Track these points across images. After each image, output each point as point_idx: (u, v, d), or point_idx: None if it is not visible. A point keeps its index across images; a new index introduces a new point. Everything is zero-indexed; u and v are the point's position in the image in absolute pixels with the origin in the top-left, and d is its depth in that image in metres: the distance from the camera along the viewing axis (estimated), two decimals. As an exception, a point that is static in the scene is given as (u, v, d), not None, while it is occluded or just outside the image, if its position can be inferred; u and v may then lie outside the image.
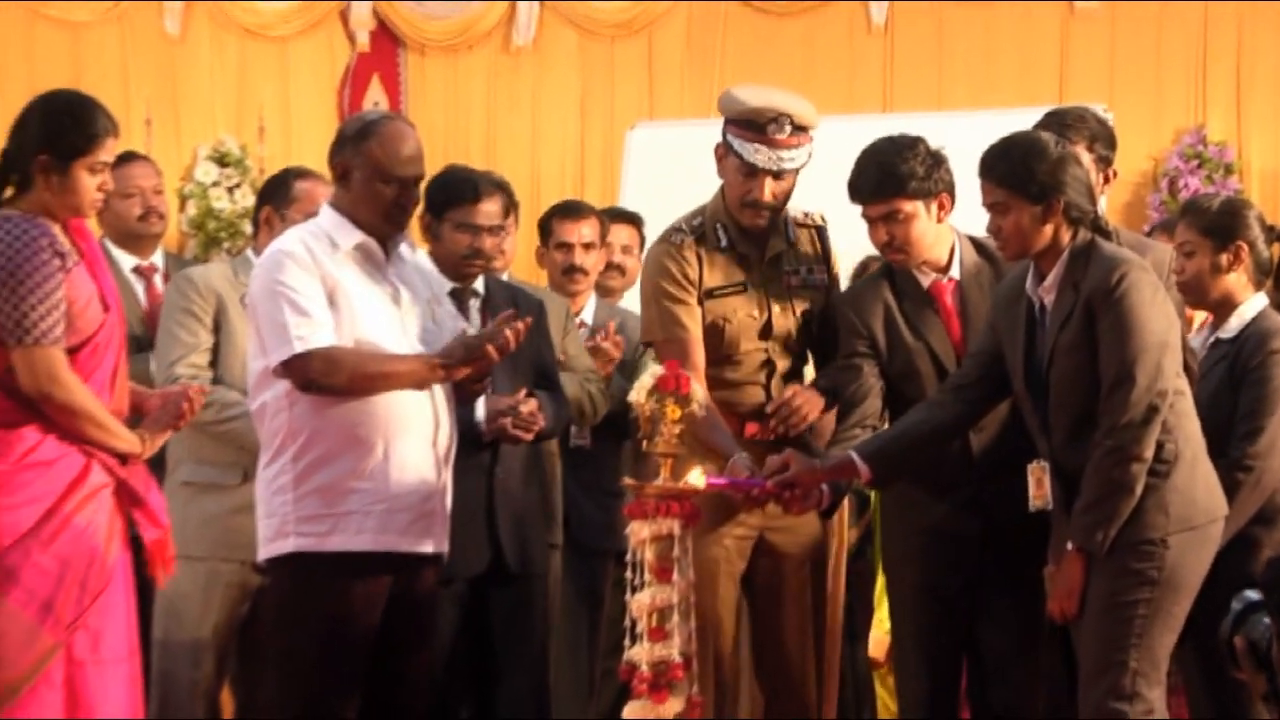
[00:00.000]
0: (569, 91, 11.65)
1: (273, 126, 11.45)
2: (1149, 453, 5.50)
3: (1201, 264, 5.98)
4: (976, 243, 6.17)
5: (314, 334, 5.63)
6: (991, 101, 10.49)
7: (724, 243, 6.23)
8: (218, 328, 6.58)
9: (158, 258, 7.51)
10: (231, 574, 6.53)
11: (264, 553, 5.80)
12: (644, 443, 5.78)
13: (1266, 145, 10.53)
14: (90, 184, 5.50)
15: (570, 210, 7.88)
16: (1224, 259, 5.97)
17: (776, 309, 6.22)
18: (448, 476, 5.88)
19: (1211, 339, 6.05)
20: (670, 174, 10.15)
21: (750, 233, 6.24)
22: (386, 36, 11.84)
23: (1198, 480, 5.57)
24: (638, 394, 5.77)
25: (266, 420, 5.78)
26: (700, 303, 6.21)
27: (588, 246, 7.69)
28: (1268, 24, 10.51)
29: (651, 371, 5.78)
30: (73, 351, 5.39)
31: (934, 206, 6.06)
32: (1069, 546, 5.60)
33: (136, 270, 7.39)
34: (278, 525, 5.73)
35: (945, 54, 11.04)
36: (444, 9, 11.77)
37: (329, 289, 5.70)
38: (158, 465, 6.34)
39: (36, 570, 5.32)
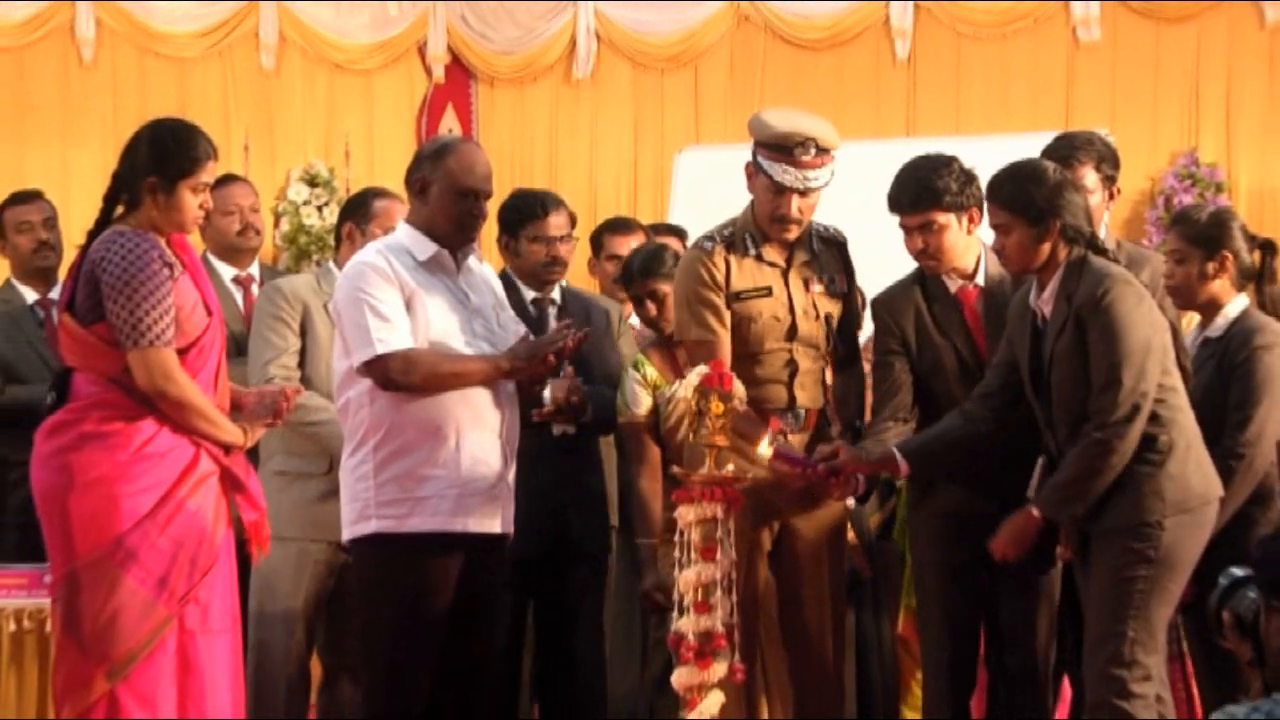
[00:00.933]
0: (623, 118, 11.65)
1: (358, 151, 11.48)
2: (1130, 446, 5.54)
3: (1190, 270, 5.97)
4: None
5: (393, 337, 5.66)
6: (1005, 126, 10.47)
7: (752, 251, 6.22)
8: (304, 332, 6.62)
9: (254, 269, 7.54)
10: (320, 553, 6.56)
11: (348, 534, 5.83)
12: (692, 435, 5.78)
13: (1253, 166, 10.49)
14: (193, 202, 5.54)
15: (620, 225, 7.92)
16: (1211, 266, 5.95)
17: (800, 312, 6.21)
18: (512, 464, 5.90)
19: (1200, 338, 6.03)
20: (716, 193, 10.10)
21: (777, 243, 6.24)
22: (460, 70, 11.86)
23: (1190, 467, 5.59)
24: (684, 390, 5.77)
25: (350, 415, 5.81)
26: (729, 305, 6.21)
27: None
28: (1254, 56, 10.47)
29: (698, 370, 5.79)
30: (181, 353, 5.43)
31: (965, 219, 6.08)
32: (1033, 510, 5.69)
33: (235, 280, 7.41)
34: (360, 509, 5.76)
35: (963, 84, 11.02)
36: (511, 45, 11.78)
37: (407, 296, 5.74)
38: (252, 455, 6.41)
39: (154, 550, 5.36)
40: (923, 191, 6.07)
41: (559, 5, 11.68)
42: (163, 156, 5.51)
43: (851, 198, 6.57)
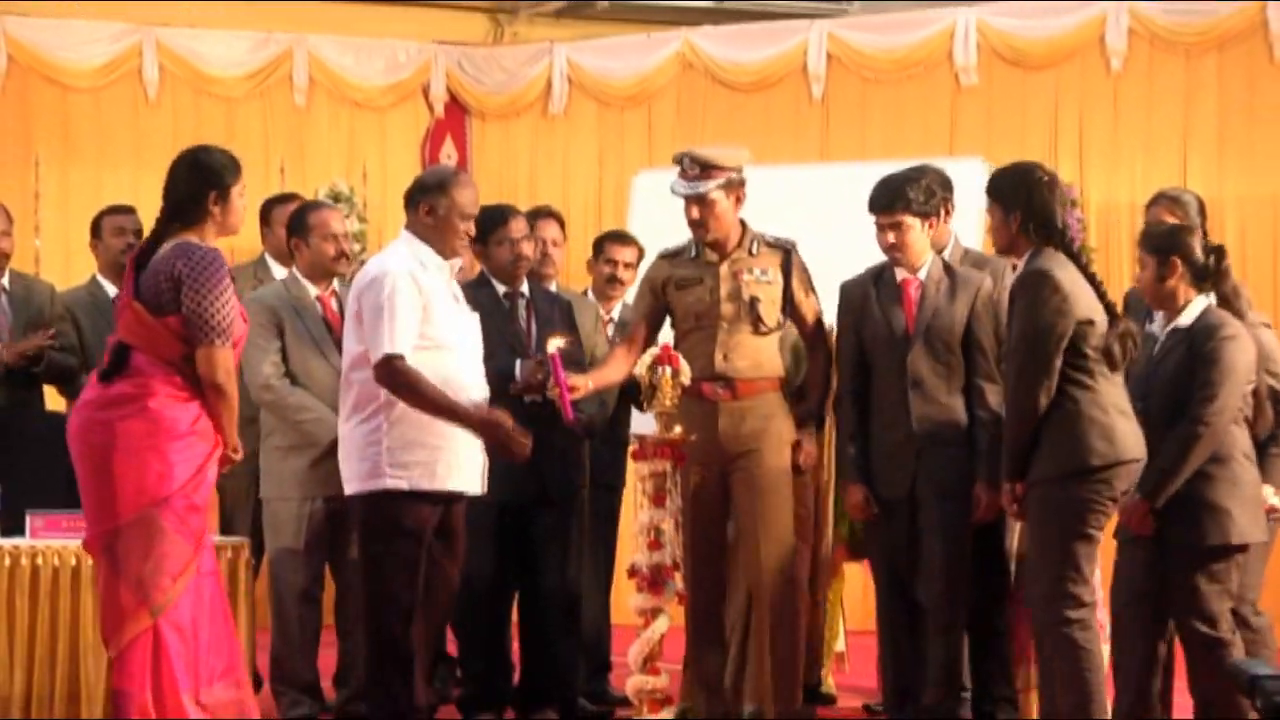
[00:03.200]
0: (590, 147, 11.65)
1: (373, 173, 11.47)
2: (1028, 403, 5.63)
3: (1148, 275, 5.95)
4: (945, 262, 6.28)
5: (403, 342, 5.76)
6: (901, 154, 10.41)
7: (694, 254, 6.34)
8: (280, 332, 6.70)
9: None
10: (314, 506, 6.66)
11: (357, 488, 5.88)
12: (645, 404, 5.82)
13: (1101, 185, 10.51)
14: (241, 205, 5.58)
15: (619, 237, 7.91)
16: (1164, 270, 5.92)
17: (724, 295, 6.29)
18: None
19: (1169, 327, 5.98)
20: (666, 209, 10.12)
21: (715, 246, 6.34)
22: (457, 107, 11.85)
23: (1096, 432, 5.64)
24: (640, 368, 5.83)
25: (363, 387, 5.87)
26: (669, 291, 6.38)
27: (628, 265, 7.71)
28: (1102, 97, 10.52)
29: (651, 352, 5.84)
30: None
31: (927, 225, 6.16)
32: (990, 485, 5.98)
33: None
34: (371, 468, 5.83)
35: (866, 119, 11.03)
36: (499, 87, 11.78)
37: (424, 301, 5.81)
38: (254, 432, 6.75)
39: (192, 510, 5.39)
40: (894, 197, 6.18)
41: (539, 54, 11.68)
42: (217, 172, 5.54)
43: (775, 214, 6.60)
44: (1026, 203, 5.70)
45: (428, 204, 5.94)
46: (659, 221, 10.00)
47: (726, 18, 11.59)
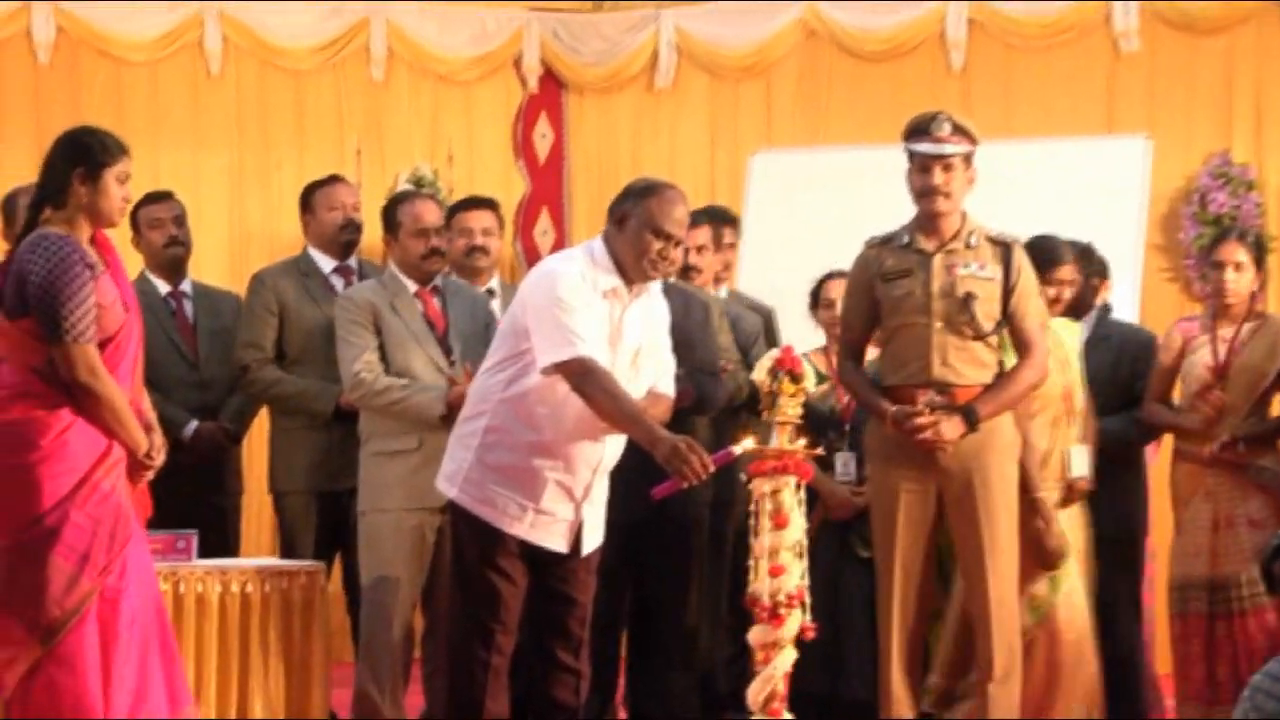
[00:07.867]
0: (700, 124, 11.61)
1: (459, 155, 11.47)
2: None
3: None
4: None
5: (584, 344, 5.63)
6: (1051, 130, 10.39)
7: (906, 240, 6.29)
8: (378, 330, 6.73)
9: (352, 261, 7.54)
10: (416, 518, 6.70)
11: (442, 483, 5.93)
12: (765, 413, 5.76)
13: (1283, 165, 10.39)
14: (117, 192, 5.49)
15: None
16: None
17: (937, 290, 6.22)
18: (593, 495, 5.91)
19: None
20: (786, 192, 10.12)
21: (931, 233, 6.28)
22: (552, 81, 11.85)
23: None
24: (759, 373, 5.78)
25: (483, 384, 5.84)
26: (878, 285, 6.33)
27: (700, 249, 7.63)
28: (1283, 64, 10.38)
29: (770, 354, 5.78)
30: (99, 347, 5.34)
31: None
32: None
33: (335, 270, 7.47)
34: (454, 470, 5.88)
35: (1012, 92, 10.91)
36: (599, 58, 11.77)
37: None
38: (353, 435, 6.91)
39: (74, 528, 5.26)
40: None
41: (643, 21, 11.67)
42: (86, 149, 5.45)
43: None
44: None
45: (621, 212, 5.83)
46: (778, 207, 10.00)
47: (855, -22, 11.55)
